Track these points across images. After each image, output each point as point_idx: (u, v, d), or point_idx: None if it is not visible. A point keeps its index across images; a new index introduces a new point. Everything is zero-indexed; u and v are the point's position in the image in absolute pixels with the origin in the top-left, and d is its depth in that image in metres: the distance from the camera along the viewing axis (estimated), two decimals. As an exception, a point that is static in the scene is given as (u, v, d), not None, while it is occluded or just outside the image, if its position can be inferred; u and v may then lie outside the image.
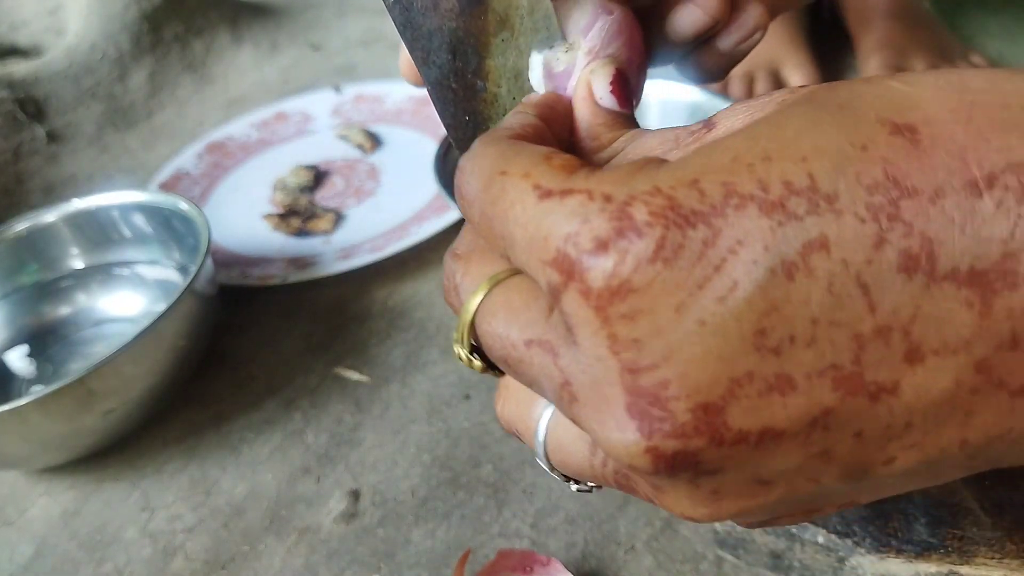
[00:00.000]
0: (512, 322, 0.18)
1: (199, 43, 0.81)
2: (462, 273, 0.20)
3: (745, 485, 0.17)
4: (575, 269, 0.16)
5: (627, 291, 0.15)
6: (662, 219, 0.15)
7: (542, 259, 0.17)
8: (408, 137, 0.65)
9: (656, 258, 0.15)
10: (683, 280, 0.15)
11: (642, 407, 0.16)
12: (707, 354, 0.15)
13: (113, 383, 0.40)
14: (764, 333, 0.15)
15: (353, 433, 0.42)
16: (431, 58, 0.23)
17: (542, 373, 0.18)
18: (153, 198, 0.50)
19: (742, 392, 0.15)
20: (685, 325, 0.15)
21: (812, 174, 0.15)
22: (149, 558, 0.37)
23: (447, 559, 0.35)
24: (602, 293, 0.16)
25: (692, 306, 0.15)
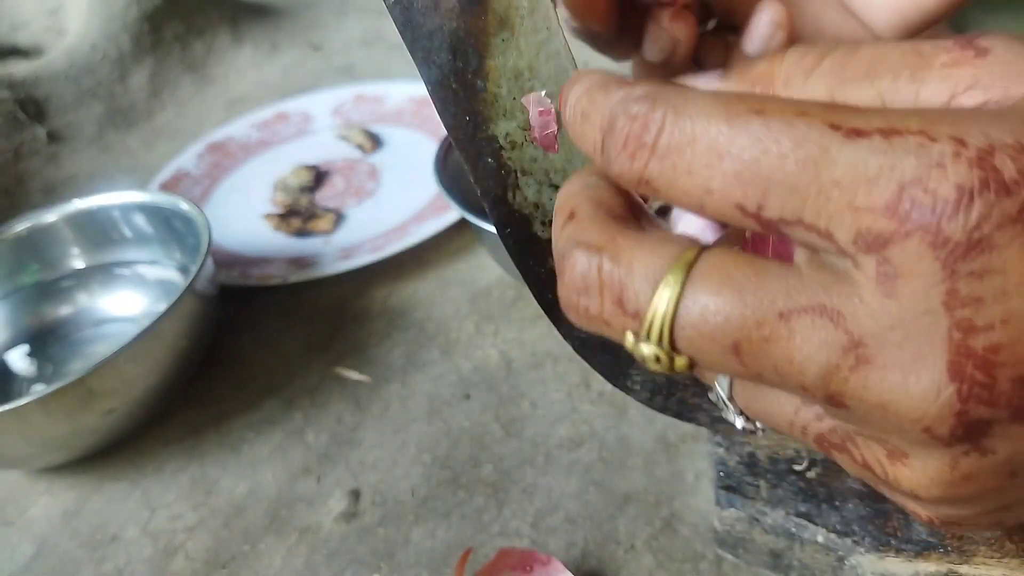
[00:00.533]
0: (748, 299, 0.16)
1: (199, 43, 0.81)
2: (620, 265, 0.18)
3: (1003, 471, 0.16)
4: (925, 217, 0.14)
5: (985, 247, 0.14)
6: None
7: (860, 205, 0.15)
8: (408, 137, 0.66)
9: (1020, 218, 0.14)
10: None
11: (967, 369, 0.15)
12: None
13: (114, 383, 0.40)
14: None
15: (353, 433, 0.42)
16: (431, 58, 0.23)
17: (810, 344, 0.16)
18: (154, 198, 0.50)
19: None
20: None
21: None
22: (150, 557, 0.38)
23: (447, 558, 0.35)
24: (959, 245, 0.14)
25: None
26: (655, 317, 0.17)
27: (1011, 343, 0.15)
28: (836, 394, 0.16)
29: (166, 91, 0.78)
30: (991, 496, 0.17)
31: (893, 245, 0.15)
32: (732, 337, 0.16)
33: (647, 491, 0.36)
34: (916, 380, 0.15)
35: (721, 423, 0.32)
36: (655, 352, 0.17)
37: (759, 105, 0.16)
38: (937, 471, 0.16)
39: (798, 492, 0.31)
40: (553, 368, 0.43)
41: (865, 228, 0.15)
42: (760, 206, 0.16)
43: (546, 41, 0.23)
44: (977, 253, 0.14)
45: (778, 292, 0.16)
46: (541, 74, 0.24)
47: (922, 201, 0.15)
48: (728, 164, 0.16)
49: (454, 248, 0.54)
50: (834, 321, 0.16)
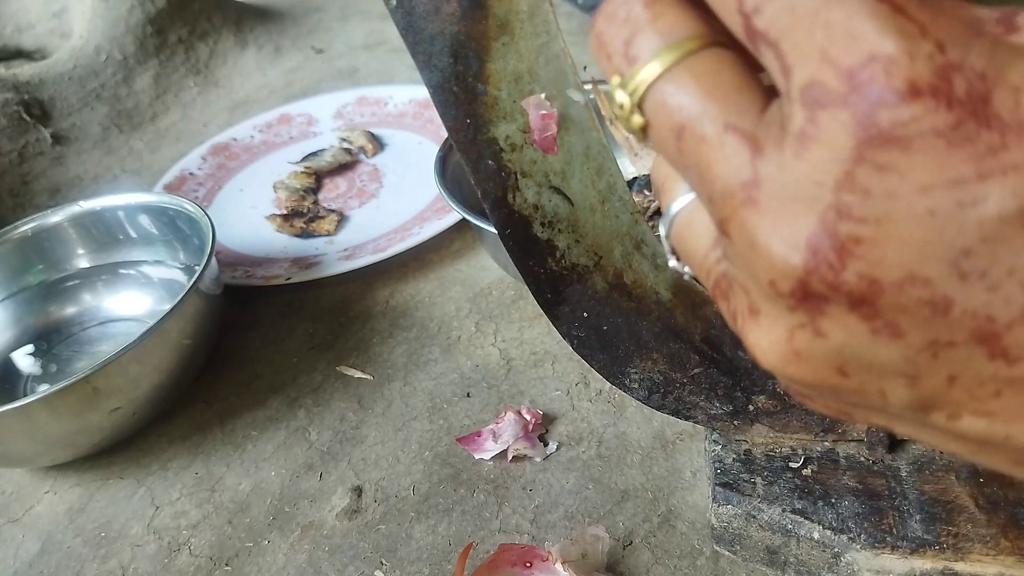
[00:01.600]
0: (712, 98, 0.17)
1: (203, 46, 0.81)
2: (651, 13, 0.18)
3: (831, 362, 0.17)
4: (868, 92, 0.15)
5: (900, 147, 0.15)
6: (972, 106, 0.15)
7: (830, 55, 0.15)
8: (410, 140, 0.66)
9: (944, 135, 0.15)
10: (949, 168, 0.15)
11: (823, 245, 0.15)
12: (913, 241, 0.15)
13: (119, 382, 0.40)
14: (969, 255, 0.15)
15: (356, 430, 0.42)
16: (433, 62, 0.24)
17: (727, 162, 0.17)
18: (158, 199, 0.51)
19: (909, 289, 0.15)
20: (918, 205, 0.15)
21: None
22: (154, 554, 0.38)
23: (448, 555, 0.35)
24: (879, 134, 0.15)
25: (937, 193, 0.15)
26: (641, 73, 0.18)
27: (873, 241, 0.15)
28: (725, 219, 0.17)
29: (170, 93, 0.78)
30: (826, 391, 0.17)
31: (829, 108, 0.15)
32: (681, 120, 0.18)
33: (645, 488, 0.36)
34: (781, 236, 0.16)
35: (718, 421, 0.33)
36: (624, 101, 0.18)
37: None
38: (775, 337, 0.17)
39: (794, 489, 0.31)
40: (552, 367, 0.44)
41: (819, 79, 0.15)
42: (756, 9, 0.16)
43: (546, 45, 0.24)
44: (890, 147, 0.15)
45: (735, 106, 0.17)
46: (541, 77, 0.24)
47: (877, 79, 0.15)
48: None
49: (455, 248, 0.54)
50: (752, 154, 0.16)
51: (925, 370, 0.16)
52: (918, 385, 0.16)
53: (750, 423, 0.32)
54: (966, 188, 0.15)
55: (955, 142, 0.15)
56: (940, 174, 0.15)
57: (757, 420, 0.32)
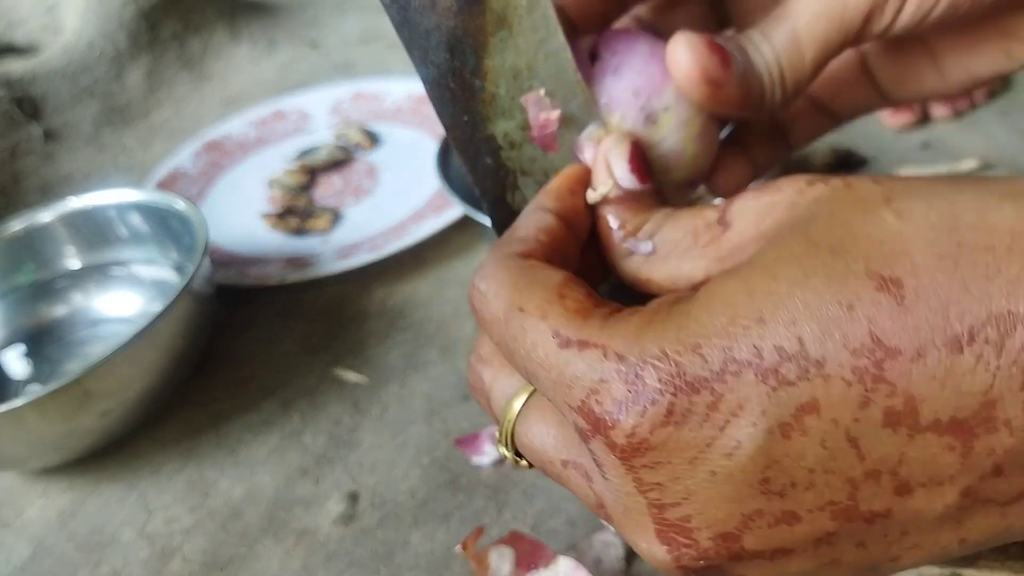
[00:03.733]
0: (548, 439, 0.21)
1: (197, 41, 0.81)
2: (491, 378, 0.22)
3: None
4: (599, 424, 0.18)
5: (646, 448, 0.17)
6: (671, 386, 0.17)
7: (569, 404, 0.19)
8: (407, 135, 0.65)
9: (668, 421, 0.17)
10: (693, 439, 0.17)
11: (670, 535, 0.18)
12: (720, 496, 0.17)
13: (110, 384, 0.39)
14: (768, 481, 0.17)
15: (351, 434, 0.42)
16: (429, 57, 0.23)
17: (579, 491, 0.20)
18: (150, 197, 0.50)
19: (754, 524, 0.17)
20: (699, 474, 0.17)
21: (802, 339, 0.17)
22: (146, 560, 0.37)
23: (446, 561, 0.35)
24: (625, 448, 0.18)
25: (703, 460, 0.17)
26: (503, 430, 0.22)
27: (697, 512, 0.18)
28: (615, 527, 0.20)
29: (163, 89, 0.77)
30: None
31: (590, 440, 0.18)
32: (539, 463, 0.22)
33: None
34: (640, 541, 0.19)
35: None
36: (507, 454, 0.23)
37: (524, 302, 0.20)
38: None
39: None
40: (553, 369, 0.43)
41: (574, 422, 0.19)
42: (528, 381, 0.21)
43: (545, 40, 0.23)
44: (642, 451, 0.18)
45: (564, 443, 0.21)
46: (540, 73, 0.24)
47: (595, 409, 0.18)
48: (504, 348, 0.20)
49: (453, 247, 0.53)
50: (587, 481, 0.20)
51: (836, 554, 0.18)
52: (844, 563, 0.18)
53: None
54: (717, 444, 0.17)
55: (679, 420, 0.17)
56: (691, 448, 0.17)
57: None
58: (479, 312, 0.21)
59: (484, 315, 0.21)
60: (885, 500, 0.17)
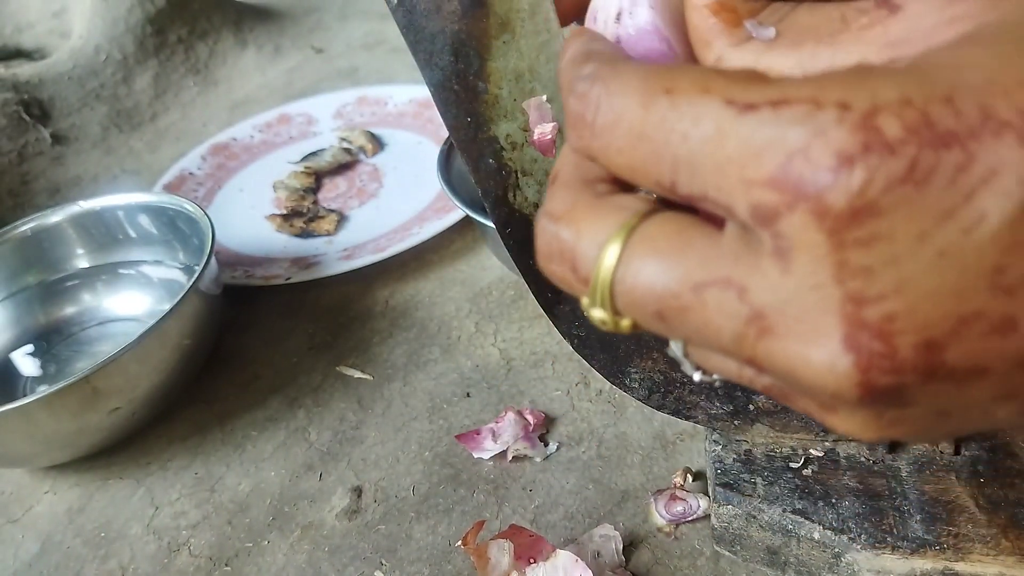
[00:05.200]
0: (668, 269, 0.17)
1: (203, 46, 0.81)
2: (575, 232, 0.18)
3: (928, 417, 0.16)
4: (807, 186, 0.14)
5: (871, 214, 0.14)
6: (916, 136, 0.14)
7: (749, 178, 0.15)
8: (410, 139, 0.66)
9: (908, 179, 0.14)
10: (932, 206, 0.14)
11: (863, 340, 0.15)
12: (942, 288, 0.14)
13: (118, 382, 0.40)
14: (1002, 271, 0.14)
15: (356, 431, 0.42)
16: (433, 60, 0.24)
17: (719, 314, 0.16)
18: (158, 199, 0.51)
19: (967, 331, 0.15)
20: (925, 255, 0.14)
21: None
22: (153, 554, 0.38)
23: (448, 554, 0.35)
24: (842, 214, 0.14)
25: (936, 235, 0.14)
26: (597, 282, 0.18)
27: (907, 310, 0.14)
28: (751, 360, 0.16)
29: (170, 93, 0.78)
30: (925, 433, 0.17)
31: (782, 218, 0.15)
32: (655, 305, 0.17)
33: (645, 488, 0.36)
34: (815, 352, 0.15)
35: (718, 421, 0.33)
36: (602, 316, 0.18)
37: (671, 83, 0.16)
38: (864, 422, 0.17)
39: (794, 489, 0.31)
40: (553, 366, 0.44)
41: (756, 202, 0.15)
42: (673, 183, 0.16)
43: (547, 43, 0.24)
44: (863, 220, 0.14)
45: (694, 264, 0.16)
46: (542, 76, 0.24)
47: (804, 171, 0.14)
48: (643, 144, 0.16)
49: (455, 248, 0.54)
50: (738, 293, 0.16)
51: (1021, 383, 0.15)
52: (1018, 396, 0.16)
53: (750, 423, 0.32)
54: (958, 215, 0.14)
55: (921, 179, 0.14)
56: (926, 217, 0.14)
57: (757, 420, 0.32)
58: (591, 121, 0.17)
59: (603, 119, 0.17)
60: None
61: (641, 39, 0.20)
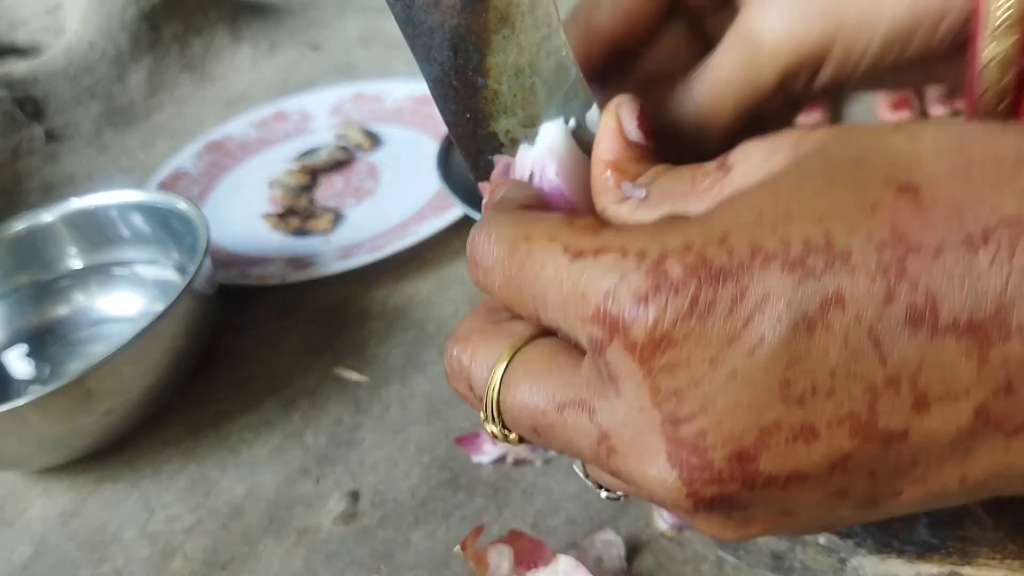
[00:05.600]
0: (538, 391, 0.19)
1: (198, 42, 0.81)
2: (469, 355, 0.21)
3: (771, 516, 0.18)
4: (618, 323, 0.17)
5: (667, 344, 0.17)
6: (695, 275, 0.17)
7: (581, 316, 0.18)
8: (408, 136, 0.65)
9: (691, 313, 0.17)
10: (716, 334, 0.17)
11: (682, 456, 0.17)
12: (739, 404, 0.16)
13: (111, 383, 0.39)
14: (789, 384, 0.16)
15: (352, 434, 0.42)
16: (432, 55, 0.23)
17: (577, 433, 0.19)
18: (152, 197, 0.50)
19: (771, 440, 0.17)
20: (719, 377, 0.17)
21: (828, 233, 0.16)
22: (148, 559, 0.37)
23: (447, 560, 0.35)
24: (645, 345, 0.17)
25: (724, 359, 0.16)
26: (487, 400, 0.21)
27: (714, 426, 0.17)
28: (611, 472, 0.19)
29: (164, 90, 0.77)
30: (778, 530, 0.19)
31: (607, 349, 0.17)
32: (530, 421, 0.20)
33: (648, 492, 0.36)
34: (649, 468, 0.18)
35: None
36: (494, 430, 0.21)
37: (530, 231, 0.19)
38: (719, 525, 0.19)
39: (800, 493, 0.31)
40: (553, 368, 0.43)
41: (589, 335, 0.18)
42: (538, 317, 0.19)
43: (547, 38, 0.23)
44: (663, 350, 0.17)
45: (557, 385, 0.19)
46: (542, 71, 0.24)
47: (612, 310, 0.17)
48: (512, 283, 0.20)
49: (454, 248, 0.53)
50: (589, 415, 0.18)
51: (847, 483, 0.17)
52: (851, 495, 0.18)
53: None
54: (741, 340, 0.16)
55: (703, 312, 0.16)
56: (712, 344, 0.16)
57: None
58: (478, 262, 0.21)
59: (485, 261, 0.20)
60: (903, 416, 0.16)
61: (551, 195, 0.23)
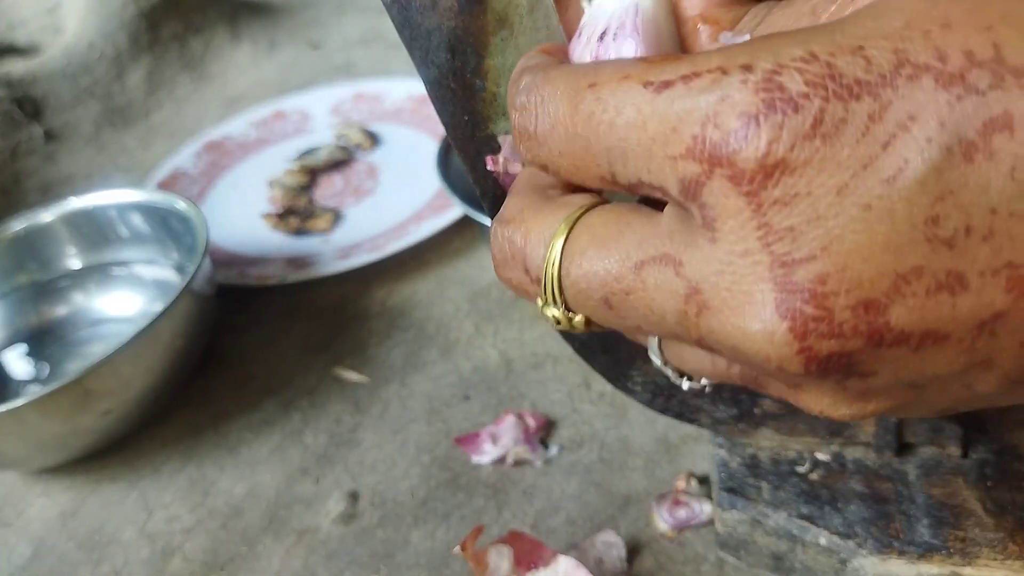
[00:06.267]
0: (608, 254, 0.17)
1: (197, 42, 0.81)
2: (523, 233, 0.18)
3: (896, 388, 0.16)
4: (719, 152, 0.14)
5: (783, 171, 0.14)
6: (821, 89, 0.14)
7: (672, 154, 0.15)
8: (408, 136, 0.65)
9: (815, 133, 0.14)
10: (846, 158, 0.14)
11: (795, 305, 0.14)
12: (872, 243, 0.14)
13: (110, 383, 0.39)
14: (937, 221, 0.13)
15: (352, 434, 0.42)
16: (430, 57, 0.23)
17: (660, 292, 0.16)
18: (151, 197, 0.50)
19: (909, 289, 0.14)
20: (848, 210, 0.14)
21: (998, 44, 0.13)
22: (147, 559, 0.37)
23: (446, 560, 0.35)
24: (755, 174, 0.14)
25: (857, 188, 0.14)
26: (547, 279, 0.18)
27: (838, 270, 0.14)
28: (699, 340, 0.16)
29: (163, 90, 0.77)
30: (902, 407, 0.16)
31: (704, 188, 0.15)
32: (601, 291, 0.17)
33: (648, 492, 0.36)
34: (751, 323, 0.15)
35: (722, 424, 0.32)
36: (555, 314, 0.18)
37: (594, 77, 0.16)
38: (832, 396, 0.16)
39: (800, 494, 0.31)
40: (553, 369, 0.43)
41: (681, 176, 0.15)
42: (612, 174, 0.16)
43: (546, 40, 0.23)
44: (778, 179, 0.14)
45: (633, 245, 0.16)
46: (541, 73, 0.24)
47: (715, 138, 0.14)
48: (579, 142, 0.16)
49: (454, 248, 0.53)
50: (675, 269, 0.16)
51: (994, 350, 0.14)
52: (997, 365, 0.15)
53: (755, 427, 0.32)
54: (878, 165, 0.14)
55: (829, 132, 0.14)
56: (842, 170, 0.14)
57: (763, 424, 0.32)
58: (531, 131, 0.17)
59: (541, 126, 0.17)
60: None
61: None
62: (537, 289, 0.18)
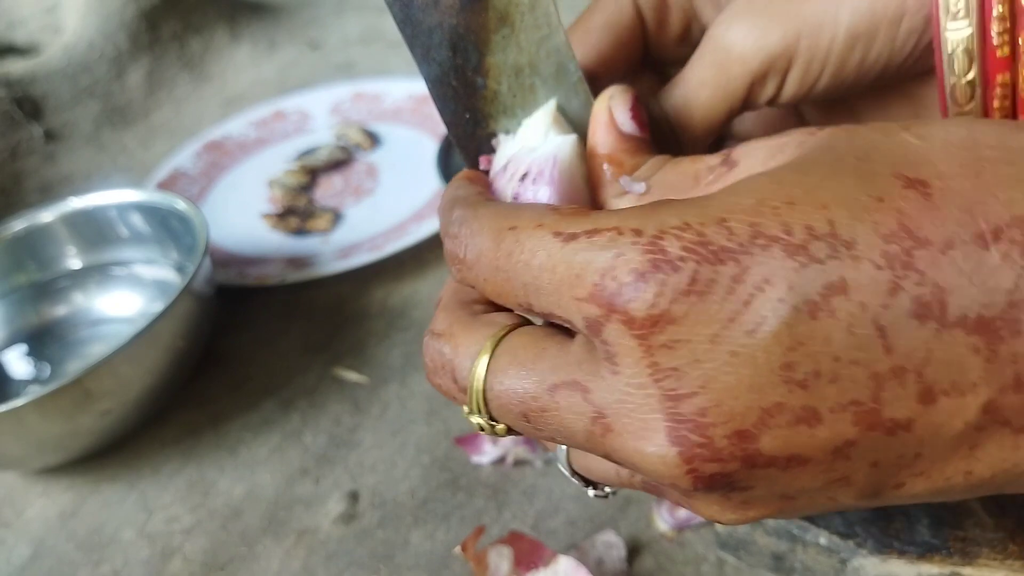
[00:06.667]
0: (527, 375, 0.19)
1: (197, 41, 0.81)
2: (452, 347, 0.21)
3: (771, 499, 0.18)
4: (616, 301, 0.17)
5: (666, 321, 0.17)
6: (694, 253, 0.16)
7: (577, 296, 0.18)
8: (407, 135, 0.65)
9: (691, 290, 0.16)
10: (716, 313, 0.16)
11: (682, 433, 0.17)
12: (740, 384, 0.16)
13: (110, 383, 0.39)
14: (791, 367, 0.16)
15: (352, 434, 0.42)
16: (431, 55, 0.23)
17: (570, 414, 0.18)
18: (150, 197, 0.50)
19: (773, 421, 0.16)
20: (720, 355, 0.16)
21: (832, 221, 0.16)
22: (147, 559, 0.37)
23: (446, 561, 0.35)
24: (644, 322, 0.17)
25: (726, 338, 0.16)
26: (472, 391, 0.20)
27: (715, 404, 0.16)
28: (606, 455, 0.18)
29: (163, 89, 0.77)
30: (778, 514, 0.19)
31: (604, 327, 0.17)
32: (519, 408, 0.19)
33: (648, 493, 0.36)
34: (647, 445, 0.17)
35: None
36: (479, 422, 0.21)
37: (515, 221, 0.19)
38: (718, 505, 0.18)
39: (800, 494, 0.31)
40: (553, 368, 0.43)
41: (585, 315, 0.18)
42: (529, 304, 0.19)
43: (547, 37, 0.23)
44: (663, 327, 0.17)
45: (547, 369, 0.19)
46: (541, 71, 0.24)
47: (610, 287, 0.17)
48: (500, 274, 0.19)
49: (453, 247, 0.53)
50: (583, 394, 0.18)
51: (849, 471, 0.17)
52: (853, 483, 0.17)
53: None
54: (741, 319, 0.16)
55: (703, 290, 0.16)
56: (713, 322, 0.16)
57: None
58: (462, 258, 0.20)
59: (469, 256, 0.20)
60: (908, 407, 0.16)
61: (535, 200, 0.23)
62: (464, 397, 0.21)
